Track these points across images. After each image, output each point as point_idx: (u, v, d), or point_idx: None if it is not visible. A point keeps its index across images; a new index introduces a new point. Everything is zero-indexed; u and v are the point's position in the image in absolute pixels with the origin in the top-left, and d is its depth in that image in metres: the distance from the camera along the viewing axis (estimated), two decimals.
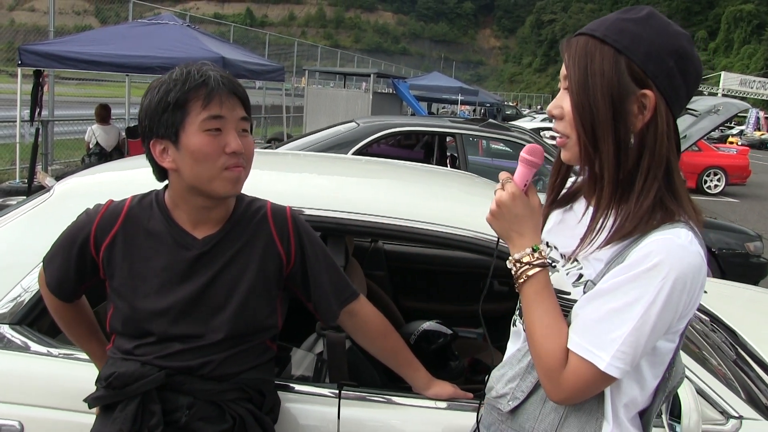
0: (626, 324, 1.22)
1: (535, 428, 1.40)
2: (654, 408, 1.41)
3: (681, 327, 1.31)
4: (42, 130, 9.98)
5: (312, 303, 1.86)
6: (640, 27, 1.26)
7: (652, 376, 1.35)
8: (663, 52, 1.26)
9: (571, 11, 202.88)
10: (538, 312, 1.34)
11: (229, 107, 1.62)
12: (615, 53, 1.26)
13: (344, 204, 2.16)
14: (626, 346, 1.23)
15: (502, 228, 1.41)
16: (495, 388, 1.51)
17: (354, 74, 25.54)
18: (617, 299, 1.24)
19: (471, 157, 7.22)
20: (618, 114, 1.25)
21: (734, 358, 2.46)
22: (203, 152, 1.59)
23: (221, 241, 1.72)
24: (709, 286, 3.68)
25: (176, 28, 9.83)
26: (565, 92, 1.32)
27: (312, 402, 1.94)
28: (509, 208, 1.38)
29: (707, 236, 6.76)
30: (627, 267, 1.24)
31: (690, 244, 1.23)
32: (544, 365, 1.31)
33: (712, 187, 17.26)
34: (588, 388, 1.29)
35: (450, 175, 3.38)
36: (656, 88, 1.26)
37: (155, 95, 1.61)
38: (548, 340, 1.31)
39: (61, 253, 1.74)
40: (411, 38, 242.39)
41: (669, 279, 1.20)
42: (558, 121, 1.34)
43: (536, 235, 1.40)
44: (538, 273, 1.36)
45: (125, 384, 1.61)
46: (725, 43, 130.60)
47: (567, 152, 1.35)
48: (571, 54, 1.30)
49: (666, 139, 1.27)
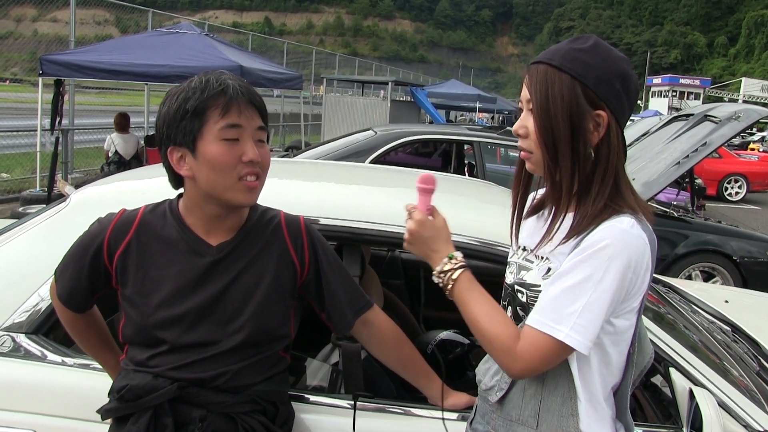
0: (580, 298, 1.39)
1: (521, 415, 1.56)
2: (626, 384, 1.55)
3: (635, 305, 1.47)
4: (62, 139, 10.06)
5: (325, 313, 1.85)
6: (590, 56, 1.45)
7: (616, 353, 1.50)
8: (611, 76, 1.45)
9: (589, 18, 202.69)
10: (474, 305, 1.52)
11: (247, 116, 1.62)
12: (571, 79, 1.44)
13: (361, 213, 2.15)
14: (582, 319, 1.39)
15: (419, 251, 1.61)
16: (483, 381, 1.68)
17: (372, 82, 25.60)
18: (571, 278, 1.41)
19: (489, 165, 7.19)
20: (576, 132, 1.43)
21: (757, 370, 2.41)
22: (220, 160, 1.59)
23: (235, 248, 1.71)
24: (731, 296, 3.65)
25: (195, 37, 9.90)
26: (528, 113, 1.49)
27: (327, 413, 1.93)
28: (420, 233, 1.60)
29: (729, 244, 6.70)
30: (580, 251, 1.42)
31: (632, 228, 1.41)
32: (497, 346, 1.47)
33: (733, 194, 17.12)
34: (546, 359, 1.44)
35: (468, 183, 3.36)
36: (608, 108, 1.45)
37: (174, 103, 1.62)
38: (492, 324, 1.49)
39: (73, 263, 1.74)
40: (429, 46, 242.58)
41: (615, 258, 1.38)
42: (523, 140, 1.52)
43: (448, 247, 1.59)
44: (461, 274, 1.55)
45: (138, 396, 1.61)
46: (746, 49, 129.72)
47: (531, 165, 1.54)
48: (532, 81, 1.48)
49: (617, 151, 1.47)
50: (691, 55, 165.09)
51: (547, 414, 1.52)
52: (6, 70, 21.59)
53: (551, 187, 1.51)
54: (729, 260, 6.70)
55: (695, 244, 6.74)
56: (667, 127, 6.46)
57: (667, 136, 6.05)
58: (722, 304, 3.32)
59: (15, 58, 21.07)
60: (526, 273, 1.56)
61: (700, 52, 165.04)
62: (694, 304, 3.15)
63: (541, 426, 1.53)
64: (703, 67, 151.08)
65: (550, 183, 1.51)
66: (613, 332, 1.48)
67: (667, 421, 1.97)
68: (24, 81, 19.14)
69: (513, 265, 1.64)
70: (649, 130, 7.35)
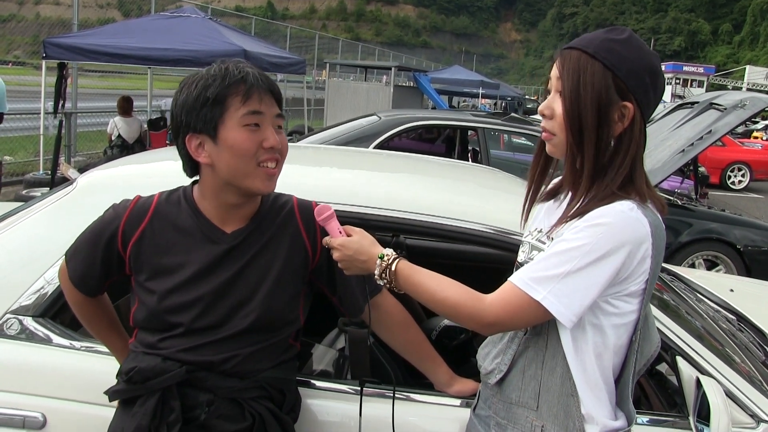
0: (565, 264, 1.43)
1: (521, 397, 1.59)
2: (627, 372, 1.56)
3: (633, 289, 1.48)
4: (65, 122, 10.03)
5: (337, 297, 1.87)
6: (624, 47, 1.48)
7: (614, 336, 1.52)
8: (641, 69, 1.48)
9: (593, 4, 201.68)
10: (425, 283, 1.57)
11: (267, 104, 1.64)
12: (603, 68, 1.46)
13: (365, 198, 2.15)
14: (564, 285, 1.43)
15: (355, 269, 1.66)
16: (483, 365, 1.71)
17: (375, 67, 25.49)
18: (562, 245, 1.45)
19: (493, 151, 7.18)
20: (602, 121, 1.46)
21: (763, 359, 2.41)
22: (243, 147, 1.60)
23: (250, 235, 1.73)
24: (736, 285, 3.64)
25: (198, 21, 9.86)
26: (556, 95, 1.52)
27: (333, 398, 1.94)
28: (346, 255, 1.64)
29: (732, 233, 6.69)
30: (576, 224, 1.46)
31: (630, 210, 1.43)
32: (462, 310, 1.52)
33: (736, 182, 17.09)
34: (516, 314, 1.48)
35: (472, 169, 3.36)
36: (635, 100, 1.48)
37: (193, 90, 1.62)
38: (450, 291, 1.54)
39: (86, 248, 1.74)
40: (432, 31, 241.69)
41: (607, 234, 1.41)
42: (547, 120, 1.55)
43: (375, 249, 1.63)
44: (398, 264, 1.60)
45: (146, 379, 1.61)
46: (750, 36, 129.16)
47: (552, 147, 1.57)
48: (565, 65, 1.50)
49: (638, 142, 1.50)
50: (695, 42, 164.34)
51: (547, 394, 1.54)
52: (8, 53, 21.50)
53: (570, 171, 1.54)
54: (732, 249, 6.70)
55: (699, 232, 6.74)
56: (672, 114, 6.43)
57: (672, 123, 6.02)
58: (727, 292, 3.32)
59: (17, 41, 20.97)
60: (537, 253, 1.57)
61: (704, 39, 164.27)
62: (699, 293, 3.15)
63: (542, 407, 1.55)
64: (707, 54, 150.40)
65: (570, 167, 1.54)
66: (613, 313, 1.50)
67: (672, 409, 1.98)
68: (26, 64, 19.06)
69: (526, 245, 1.67)
70: (653, 118, 7.32)
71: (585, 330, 1.51)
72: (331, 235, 1.68)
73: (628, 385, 1.57)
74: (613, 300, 1.49)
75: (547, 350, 1.55)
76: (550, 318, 1.47)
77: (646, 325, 1.61)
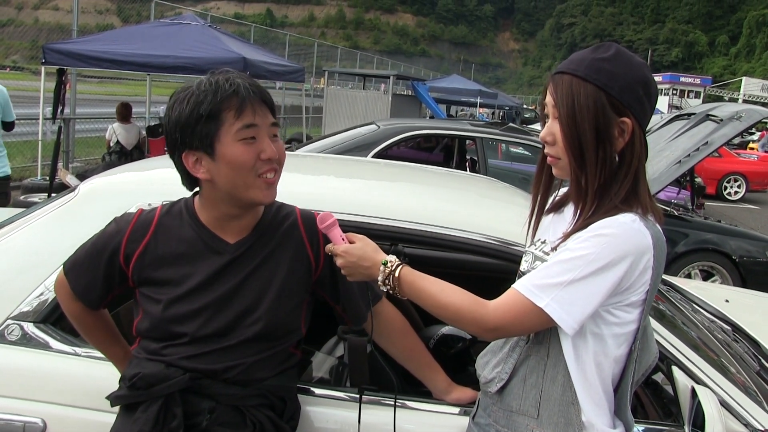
0: (569, 272, 1.45)
1: (521, 406, 1.60)
2: (626, 382, 1.57)
3: (634, 299, 1.50)
4: (64, 128, 10.03)
5: (340, 305, 1.88)
6: (613, 65, 1.49)
7: (614, 345, 1.54)
8: (634, 83, 1.50)
9: (591, 15, 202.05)
10: (428, 289, 1.59)
11: (261, 114, 1.64)
12: (596, 90, 1.48)
13: (363, 207, 2.16)
14: (567, 293, 1.45)
15: (359, 275, 1.67)
16: (482, 374, 1.72)
17: (373, 75, 25.51)
18: (566, 254, 1.47)
19: (491, 161, 7.20)
20: (602, 140, 1.49)
21: (757, 369, 2.43)
22: (241, 161, 1.60)
23: (253, 245, 1.74)
24: (731, 295, 3.65)
25: (197, 28, 9.86)
26: (554, 121, 1.54)
27: (332, 406, 1.95)
28: (349, 262, 1.65)
29: (728, 243, 6.71)
30: (580, 235, 1.48)
31: (633, 222, 1.46)
32: (465, 315, 1.54)
33: (732, 193, 17.11)
34: (518, 320, 1.50)
35: (471, 179, 3.37)
36: (632, 114, 1.50)
37: (185, 107, 1.61)
38: (453, 296, 1.56)
39: (87, 261, 1.75)
40: (430, 40, 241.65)
41: (610, 245, 1.44)
42: (550, 146, 1.57)
43: (378, 256, 1.65)
44: (401, 270, 1.61)
45: (149, 385, 1.62)
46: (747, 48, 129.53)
47: (558, 170, 1.59)
48: (558, 91, 1.52)
49: (639, 155, 1.52)
50: (692, 53, 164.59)
51: (548, 403, 1.56)
52: (6, 58, 21.49)
53: (576, 189, 1.56)
54: (728, 259, 6.71)
55: (695, 242, 6.75)
56: (669, 125, 6.45)
57: (669, 134, 6.05)
58: (723, 303, 3.33)
59: (16, 46, 20.99)
60: (541, 264, 1.58)
61: (701, 50, 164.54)
62: (695, 303, 3.16)
63: (542, 416, 1.56)
64: (704, 65, 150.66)
65: (575, 185, 1.56)
66: (614, 323, 1.52)
67: (668, 418, 1.99)
68: (25, 69, 19.05)
69: (529, 254, 1.69)
70: (650, 128, 7.35)
71: (586, 339, 1.53)
72: (333, 243, 1.69)
73: (626, 394, 1.58)
74: (614, 309, 1.51)
75: (548, 359, 1.56)
76: (551, 325, 1.49)
77: (645, 336, 1.63)
